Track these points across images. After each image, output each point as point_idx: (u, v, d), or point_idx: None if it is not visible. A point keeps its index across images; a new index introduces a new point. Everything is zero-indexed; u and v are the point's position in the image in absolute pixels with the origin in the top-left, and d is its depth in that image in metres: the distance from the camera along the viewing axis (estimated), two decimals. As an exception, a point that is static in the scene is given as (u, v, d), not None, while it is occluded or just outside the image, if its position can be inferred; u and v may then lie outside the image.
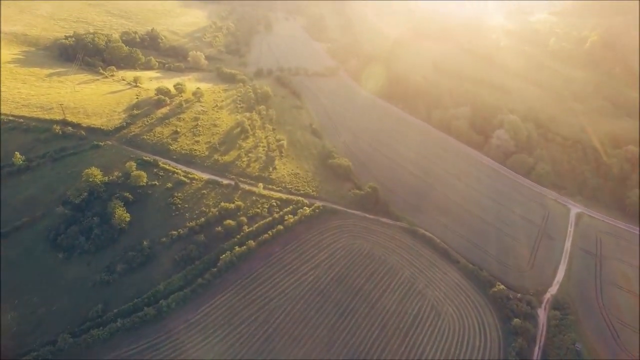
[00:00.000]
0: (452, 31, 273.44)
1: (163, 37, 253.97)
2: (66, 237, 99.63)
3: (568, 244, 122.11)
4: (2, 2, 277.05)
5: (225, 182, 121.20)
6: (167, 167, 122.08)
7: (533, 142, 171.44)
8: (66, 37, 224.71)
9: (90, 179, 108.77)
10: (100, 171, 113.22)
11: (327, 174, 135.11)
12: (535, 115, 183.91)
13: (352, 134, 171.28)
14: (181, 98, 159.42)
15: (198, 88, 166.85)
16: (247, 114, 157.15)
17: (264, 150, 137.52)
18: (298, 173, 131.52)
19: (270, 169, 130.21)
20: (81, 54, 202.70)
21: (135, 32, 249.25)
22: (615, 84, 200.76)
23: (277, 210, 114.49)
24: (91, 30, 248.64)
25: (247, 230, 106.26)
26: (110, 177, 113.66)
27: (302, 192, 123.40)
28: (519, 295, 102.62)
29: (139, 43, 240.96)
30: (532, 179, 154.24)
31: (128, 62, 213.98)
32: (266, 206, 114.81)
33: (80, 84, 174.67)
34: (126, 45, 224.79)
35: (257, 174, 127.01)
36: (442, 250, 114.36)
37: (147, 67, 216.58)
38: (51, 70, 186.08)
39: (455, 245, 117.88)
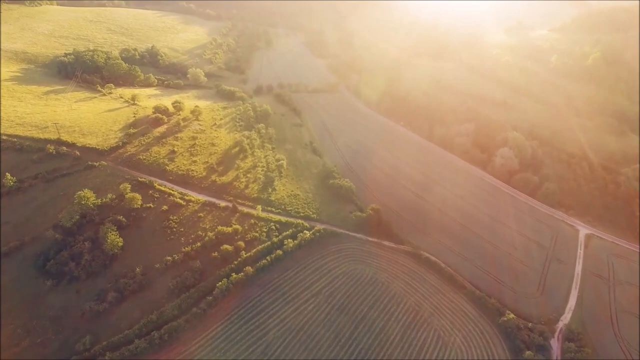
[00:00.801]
0: (453, 47, 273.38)
1: (163, 54, 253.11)
2: (55, 262, 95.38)
3: (579, 268, 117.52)
4: (2, 19, 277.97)
5: (223, 204, 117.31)
6: (162, 188, 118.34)
7: (538, 160, 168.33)
8: (65, 55, 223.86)
9: (83, 202, 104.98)
10: (94, 193, 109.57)
11: (327, 195, 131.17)
12: (540, 132, 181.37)
13: (353, 151, 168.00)
14: (179, 116, 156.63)
15: (196, 106, 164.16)
16: (246, 133, 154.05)
17: (262, 170, 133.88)
18: (298, 194, 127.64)
19: (269, 190, 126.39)
20: (79, 71, 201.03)
21: (135, 49, 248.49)
22: (619, 100, 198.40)
23: (276, 234, 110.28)
24: (91, 48, 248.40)
25: (244, 255, 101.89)
26: (104, 200, 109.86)
27: (302, 214, 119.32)
28: (530, 324, 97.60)
29: (138, 60, 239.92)
30: (538, 199, 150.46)
31: (127, 79, 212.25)
32: (265, 230, 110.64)
33: (78, 101, 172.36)
34: (126, 63, 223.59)
35: (255, 195, 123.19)
36: (448, 275, 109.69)
37: (146, 84, 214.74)
38: (48, 88, 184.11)
39: (460, 269, 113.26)
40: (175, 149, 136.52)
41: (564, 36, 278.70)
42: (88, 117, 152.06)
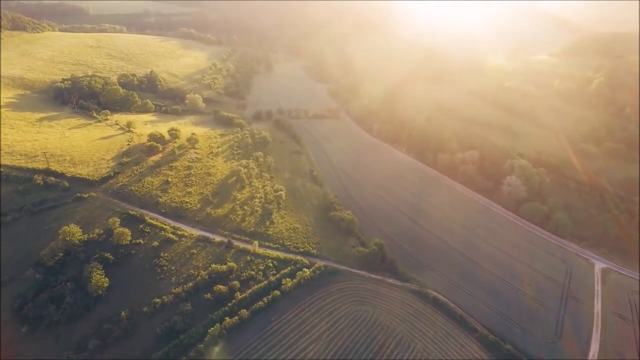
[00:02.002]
0: (455, 71, 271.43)
1: (161, 80, 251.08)
2: (34, 305, 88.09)
3: (598, 307, 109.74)
4: (2, 46, 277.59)
5: (218, 239, 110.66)
6: (154, 222, 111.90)
7: (546, 188, 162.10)
8: (63, 80, 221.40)
9: (68, 238, 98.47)
10: (80, 228, 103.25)
11: (328, 228, 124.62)
12: (546, 159, 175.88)
13: (354, 180, 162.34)
14: (174, 144, 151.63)
15: (193, 134, 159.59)
16: (244, 162, 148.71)
17: (260, 202, 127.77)
18: (297, 227, 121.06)
19: (267, 223, 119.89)
20: (75, 97, 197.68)
21: (134, 75, 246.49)
22: (626, 125, 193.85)
23: (274, 272, 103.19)
24: (90, 73, 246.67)
25: (239, 297, 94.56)
26: (91, 235, 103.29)
27: (301, 249, 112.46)
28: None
29: (136, 85, 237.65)
30: (549, 230, 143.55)
31: (124, 105, 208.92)
32: (262, 267, 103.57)
33: (72, 128, 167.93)
34: (124, 88, 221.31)
35: (252, 229, 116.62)
36: (458, 317, 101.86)
37: (144, 110, 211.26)
38: (43, 115, 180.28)
39: (470, 309, 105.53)
40: (169, 179, 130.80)
41: (564, 61, 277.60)
42: (80, 145, 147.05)
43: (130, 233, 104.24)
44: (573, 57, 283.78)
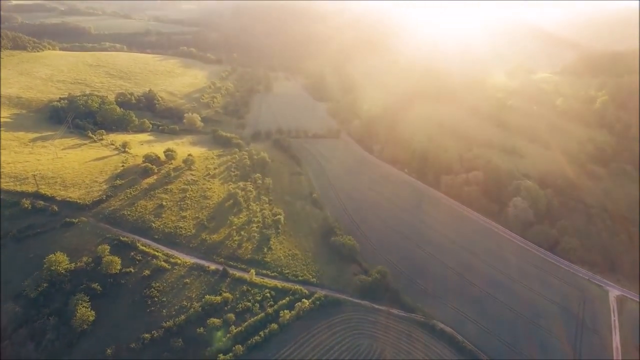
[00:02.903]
0: (455, 90, 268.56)
1: (160, 98, 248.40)
2: (11, 343, 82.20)
3: (616, 339, 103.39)
4: (2, 65, 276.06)
5: (213, 267, 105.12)
6: (146, 249, 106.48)
7: (554, 210, 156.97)
8: (59, 99, 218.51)
9: (53, 267, 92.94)
10: (68, 256, 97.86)
11: (329, 254, 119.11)
12: (553, 180, 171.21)
13: (355, 202, 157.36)
14: (170, 166, 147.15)
15: (189, 155, 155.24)
16: (242, 184, 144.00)
17: (258, 227, 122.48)
18: (296, 254, 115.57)
19: (265, 249, 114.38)
20: (71, 116, 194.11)
21: (131, 94, 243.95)
22: (632, 146, 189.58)
23: (271, 302, 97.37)
24: (87, 92, 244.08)
25: (234, 331, 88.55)
26: (78, 264, 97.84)
27: (300, 278, 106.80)
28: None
29: (134, 104, 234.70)
30: (559, 254, 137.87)
31: (121, 125, 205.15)
32: (258, 298, 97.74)
33: (65, 149, 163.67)
34: (121, 107, 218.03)
35: (249, 256, 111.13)
36: (467, 352, 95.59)
37: (141, 129, 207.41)
38: (37, 135, 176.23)
39: (481, 342, 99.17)
40: (164, 203, 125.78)
41: (566, 79, 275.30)
42: (73, 167, 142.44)
43: (120, 261, 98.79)
44: (574, 76, 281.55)
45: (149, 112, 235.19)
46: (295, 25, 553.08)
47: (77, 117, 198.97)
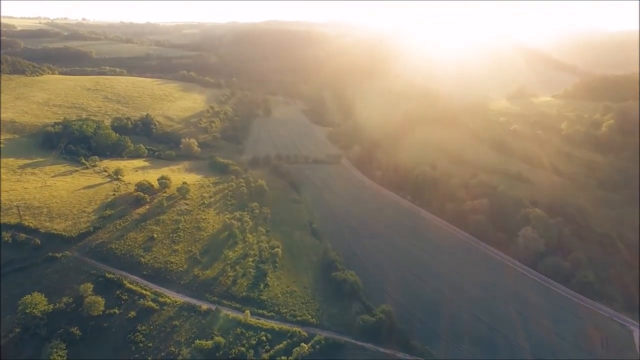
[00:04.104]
0: (457, 114, 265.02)
1: (157, 123, 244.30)
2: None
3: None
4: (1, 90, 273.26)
5: (205, 306, 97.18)
6: (133, 287, 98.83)
7: (565, 240, 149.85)
8: (54, 124, 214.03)
9: (28, 310, 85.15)
10: (47, 296, 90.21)
11: (329, 291, 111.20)
12: (562, 207, 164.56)
13: (356, 232, 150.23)
14: (164, 195, 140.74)
15: (184, 183, 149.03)
16: (238, 213, 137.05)
17: (254, 261, 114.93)
18: (294, 291, 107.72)
19: (261, 286, 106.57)
20: (64, 142, 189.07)
21: (128, 118, 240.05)
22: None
23: (267, 346, 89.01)
24: (84, 116, 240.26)
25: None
26: (57, 305, 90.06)
27: (299, 318, 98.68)
28: None
29: (131, 129, 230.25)
30: (574, 289, 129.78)
31: (116, 150, 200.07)
32: (253, 342, 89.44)
33: (55, 176, 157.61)
34: (117, 132, 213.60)
35: (244, 294, 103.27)
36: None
37: (136, 155, 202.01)
38: (27, 161, 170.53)
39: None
40: (155, 235, 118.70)
41: (569, 103, 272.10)
42: (61, 196, 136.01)
43: (103, 302, 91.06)
44: (577, 100, 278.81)
45: (145, 137, 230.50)
46: (295, 49, 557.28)
47: (70, 143, 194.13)
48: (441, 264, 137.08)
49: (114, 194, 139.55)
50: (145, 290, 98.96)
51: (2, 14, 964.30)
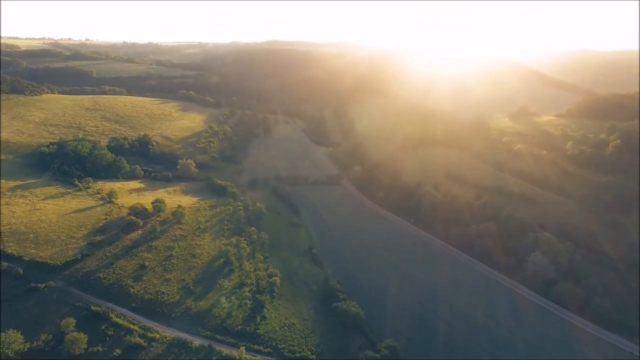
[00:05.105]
0: (459, 133, 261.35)
1: (154, 143, 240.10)
2: None
3: None
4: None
5: (197, 342, 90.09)
6: (120, 321, 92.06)
7: (577, 266, 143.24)
8: (49, 144, 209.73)
9: (2, 350, 78.29)
10: (24, 333, 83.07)
11: (330, 323, 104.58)
12: (572, 231, 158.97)
13: (358, 258, 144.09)
14: (158, 219, 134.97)
15: (179, 207, 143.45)
16: (235, 239, 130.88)
17: (251, 291, 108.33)
18: (293, 324, 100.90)
19: (258, 319, 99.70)
20: (57, 162, 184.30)
21: (125, 138, 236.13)
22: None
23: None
24: (80, 136, 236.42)
25: None
26: (35, 343, 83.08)
27: (298, 354, 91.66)
28: None
29: (127, 149, 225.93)
30: (589, 319, 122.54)
31: (111, 171, 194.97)
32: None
33: (46, 199, 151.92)
34: (114, 152, 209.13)
35: (239, 327, 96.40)
36: None
37: (132, 176, 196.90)
38: (19, 182, 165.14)
39: None
40: (146, 263, 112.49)
41: (573, 122, 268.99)
42: (50, 220, 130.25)
43: (86, 339, 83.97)
44: (581, 119, 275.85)
45: (142, 158, 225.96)
46: (296, 69, 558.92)
47: (65, 163, 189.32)
48: (447, 291, 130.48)
49: (105, 218, 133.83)
50: (133, 324, 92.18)
51: (9, 35, 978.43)
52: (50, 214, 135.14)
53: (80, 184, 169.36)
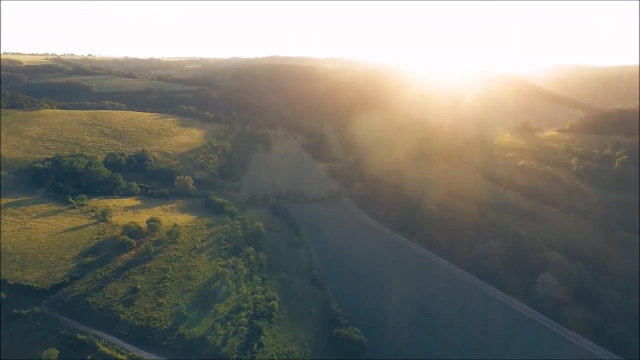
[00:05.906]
0: (461, 150, 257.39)
1: (152, 159, 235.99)
2: None
3: None
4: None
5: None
6: (107, 350, 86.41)
7: (588, 287, 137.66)
8: (44, 160, 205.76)
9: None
10: (4, 365, 77.81)
11: (331, 350, 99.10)
12: (581, 250, 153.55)
13: (361, 279, 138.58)
14: (152, 239, 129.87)
15: (175, 225, 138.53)
16: (232, 260, 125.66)
17: (247, 316, 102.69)
18: (292, 352, 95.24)
19: (255, 346, 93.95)
20: (51, 179, 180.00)
21: (122, 154, 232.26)
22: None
23: None
24: (77, 152, 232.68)
25: None
26: (15, 376, 77.56)
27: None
28: None
29: (124, 165, 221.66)
30: (605, 346, 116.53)
31: (106, 188, 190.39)
32: (243, 421, 76.46)
33: (38, 217, 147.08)
34: (110, 168, 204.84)
35: (235, 356, 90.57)
36: None
37: (128, 193, 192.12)
38: (10, 200, 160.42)
39: None
40: (139, 286, 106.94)
41: (576, 137, 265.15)
42: (40, 240, 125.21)
43: (70, 371, 78.53)
44: (584, 134, 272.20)
45: (139, 174, 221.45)
46: (296, 84, 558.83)
47: (60, 180, 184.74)
48: (455, 315, 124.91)
49: (98, 238, 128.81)
50: (122, 354, 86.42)
51: (12, 51, 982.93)
52: (40, 234, 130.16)
53: (74, 202, 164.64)
